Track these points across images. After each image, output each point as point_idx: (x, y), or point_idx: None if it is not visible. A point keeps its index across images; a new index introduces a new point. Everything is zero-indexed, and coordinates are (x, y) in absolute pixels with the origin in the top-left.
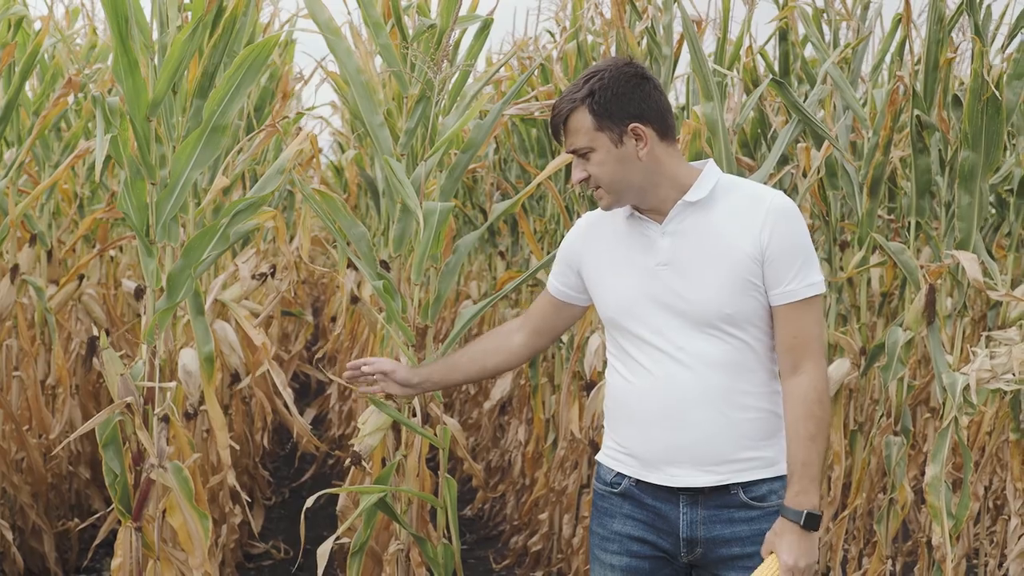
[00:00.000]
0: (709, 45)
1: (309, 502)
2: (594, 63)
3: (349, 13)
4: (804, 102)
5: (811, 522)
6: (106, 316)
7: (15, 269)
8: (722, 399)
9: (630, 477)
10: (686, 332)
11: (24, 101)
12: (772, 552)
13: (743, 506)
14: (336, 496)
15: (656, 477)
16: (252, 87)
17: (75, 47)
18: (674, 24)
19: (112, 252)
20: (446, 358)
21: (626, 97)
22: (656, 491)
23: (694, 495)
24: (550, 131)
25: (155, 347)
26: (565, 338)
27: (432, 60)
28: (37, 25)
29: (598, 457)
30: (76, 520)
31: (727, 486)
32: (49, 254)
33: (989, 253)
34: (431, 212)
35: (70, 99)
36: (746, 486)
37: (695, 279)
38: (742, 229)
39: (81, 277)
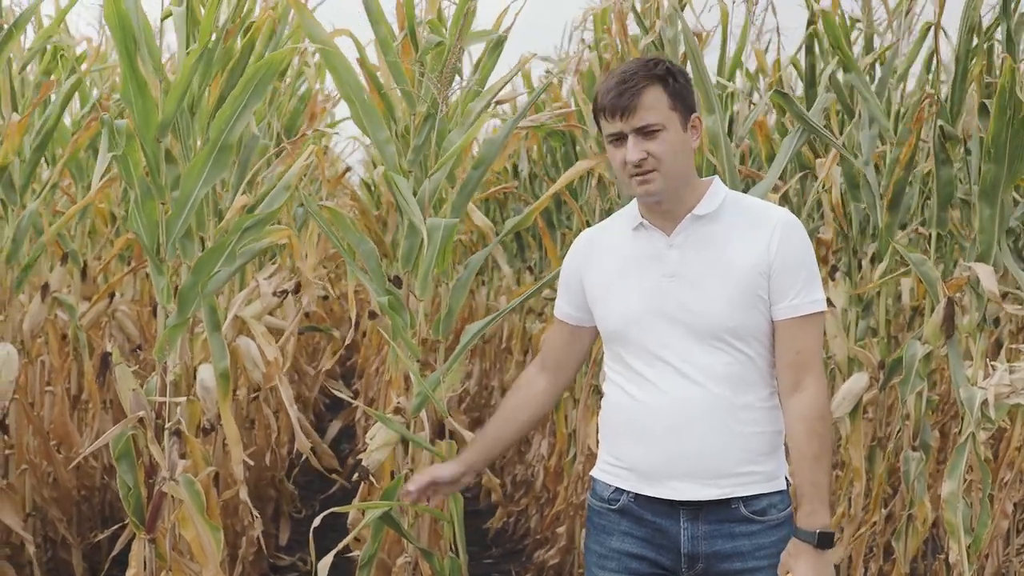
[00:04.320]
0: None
1: (316, 521)
2: (634, 58)
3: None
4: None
5: (825, 541)
6: (140, 333)
7: (46, 287)
8: (727, 413)
9: (629, 492)
10: (692, 345)
11: (62, 128)
12: (789, 573)
13: (744, 520)
14: None
15: (657, 491)
16: (259, 106)
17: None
18: (680, 36)
19: (148, 270)
20: (481, 436)
21: (689, 88)
22: (656, 506)
23: (695, 510)
24: (605, 105)
25: (166, 363)
26: None
27: (439, 78)
28: (79, 47)
29: (593, 473)
30: (108, 532)
31: (728, 500)
32: (83, 272)
33: None
34: (435, 228)
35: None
36: (747, 500)
37: (703, 291)
38: (750, 242)
39: (112, 295)
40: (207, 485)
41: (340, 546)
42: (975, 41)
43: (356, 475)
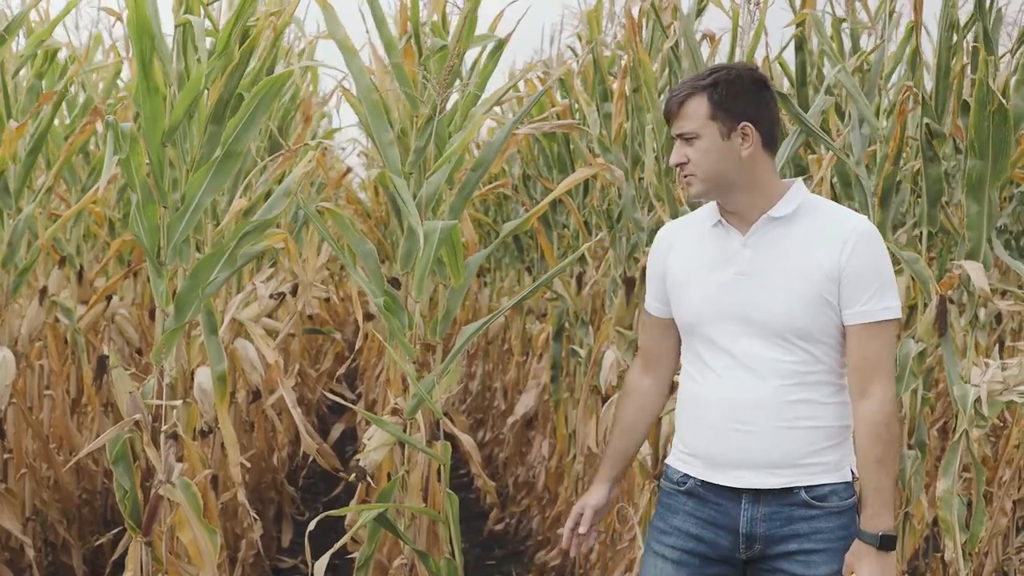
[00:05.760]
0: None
1: (312, 524)
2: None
3: (368, 32)
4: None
5: (887, 543)
6: (140, 336)
7: (44, 291)
8: (788, 407)
9: (695, 478)
10: (758, 341)
11: (53, 131)
12: (852, 573)
13: (804, 505)
14: None
15: (721, 478)
16: (265, 116)
17: (104, 75)
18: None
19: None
20: (610, 452)
21: (745, 97)
22: (720, 490)
23: (757, 494)
24: (662, 111)
25: (163, 366)
26: (583, 352)
27: (440, 81)
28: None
29: (667, 461)
30: (109, 535)
31: (790, 488)
32: (80, 276)
33: None
34: (432, 230)
35: (98, 127)
36: (808, 487)
37: (771, 291)
38: (823, 248)
39: (109, 298)
40: (204, 488)
41: (335, 547)
42: (955, 38)
43: (353, 476)
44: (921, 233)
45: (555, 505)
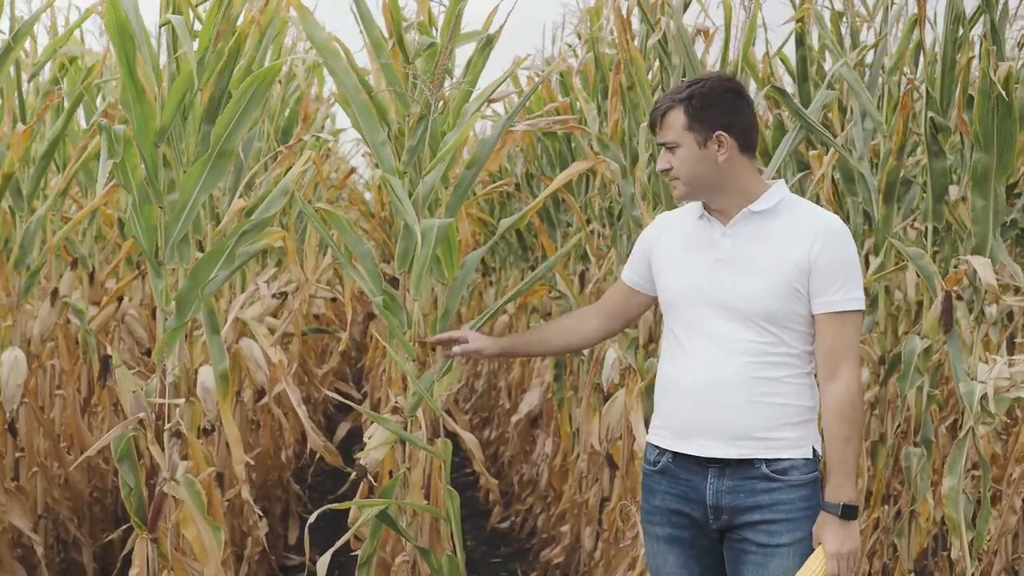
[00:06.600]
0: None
1: (311, 518)
2: (700, 72)
3: (362, 32)
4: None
5: (848, 512)
6: (149, 336)
7: (55, 292)
8: (751, 383)
9: (668, 452)
10: (731, 323)
11: (72, 134)
12: (819, 543)
13: (764, 478)
14: None
15: (687, 447)
16: (258, 112)
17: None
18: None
19: None
20: (532, 332)
21: (719, 108)
22: (689, 464)
23: (721, 467)
24: (648, 122)
25: (165, 365)
26: (587, 352)
27: (430, 79)
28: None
29: (647, 438)
30: (119, 532)
31: (752, 460)
32: (91, 277)
33: None
34: (429, 228)
35: None
36: (769, 461)
37: (745, 278)
38: (796, 241)
39: (120, 298)
40: (208, 485)
41: (337, 545)
42: (960, 31)
43: (354, 474)
44: (926, 228)
45: (559, 503)
